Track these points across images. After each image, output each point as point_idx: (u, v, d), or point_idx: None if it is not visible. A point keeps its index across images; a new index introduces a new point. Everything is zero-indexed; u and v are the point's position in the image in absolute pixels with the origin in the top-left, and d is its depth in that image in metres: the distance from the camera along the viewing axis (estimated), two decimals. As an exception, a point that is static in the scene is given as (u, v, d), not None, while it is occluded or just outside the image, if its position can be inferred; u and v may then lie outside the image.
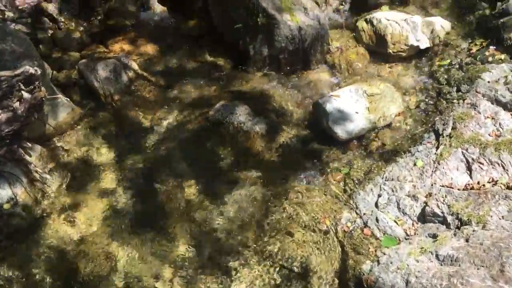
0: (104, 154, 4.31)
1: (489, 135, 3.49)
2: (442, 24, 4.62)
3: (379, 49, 4.70)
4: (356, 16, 5.30)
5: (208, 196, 3.75)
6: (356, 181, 3.63)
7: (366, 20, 4.82)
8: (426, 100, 4.23)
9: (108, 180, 4.13)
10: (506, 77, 3.89)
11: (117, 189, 4.00)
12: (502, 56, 4.16)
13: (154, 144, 4.32)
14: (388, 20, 4.62)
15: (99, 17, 5.93)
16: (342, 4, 5.40)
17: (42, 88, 3.70)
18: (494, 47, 4.33)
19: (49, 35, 5.35)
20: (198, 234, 3.53)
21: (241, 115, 4.25)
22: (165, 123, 4.48)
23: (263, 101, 4.48)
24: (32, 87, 3.58)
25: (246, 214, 3.60)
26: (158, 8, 5.98)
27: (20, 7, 5.25)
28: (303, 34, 4.68)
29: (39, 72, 3.60)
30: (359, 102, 4.06)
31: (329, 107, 4.00)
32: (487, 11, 4.93)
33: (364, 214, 3.37)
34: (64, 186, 3.93)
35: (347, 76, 4.75)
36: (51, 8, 5.71)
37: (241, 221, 3.57)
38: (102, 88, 4.64)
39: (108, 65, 4.72)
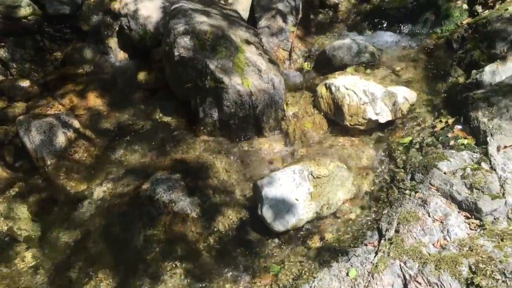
0: (28, 228, 3.94)
1: (433, 245, 3.03)
2: (406, 96, 4.18)
3: (337, 120, 4.26)
4: (320, 76, 4.88)
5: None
6: (283, 288, 3.20)
7: (325, 86, 4.40)
8: (379, 185, 3.78)
9: (29, 258, 3.77)
10: (464, 169, 3.43)
11: (36, 270, 3.63)
12: (465, 141, 3.69)
13: (81, 219, 3.97)
14: (347, 89, 4.20)
15: (55, 63, 5.60)
16: (306, 63, 4.98)
17: None
18: (460, 127, 3.87)
19: (-3, 82, 5.05)
20: None
21: (176, 192, 3.85)
22: (97, 194, 4.11)
23: (205, 174, 4.08)
24: None
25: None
26: (119, 54, 5.66)
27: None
28: (254, 99, 4.28)
29: None
30: (301, 187, 3.63)
31: (266, 191, 3.58)
32: (461, 79, 4.48)
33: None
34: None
35: (301, 147, 4.31)
36: (3, 52, 5.40)
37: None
38: (35, 151, 4.29)
39: (43, 126, 4.38)
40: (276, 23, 5.04)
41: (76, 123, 4.61)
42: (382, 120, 4.12)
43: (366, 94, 4.13)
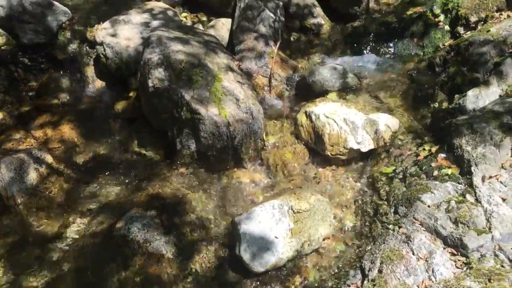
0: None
1: (417, 287, 2.87)
2: (387, 123, 4.05)
3: (318, 149, 4.13)
4: (301, 102, 4.75)
5: None
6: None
7: (306, 114, 4.26)
8: (362, 219, 3.64)
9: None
10: (449, 202, 3.29)
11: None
12: (450, 171, 3.56)
13: (53, 262, 3.77)
14: (327, 117, 4.06)
15: (30, 94, 5.43)
16: (286, 89, 4.84)
17: None
18: (444, 155, 3.74)
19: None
20: None
21: (150, 230, 3.68)
22: (69, 234, 3.94)
23: (182, 210, 3.91)
24: None
25: None
26: (97, 83, 5.51)
27: None
28: (232, 130, 4.13)
29: None
30: (281, 223, 3.47)
31: (244, 229, 3.42)
32: (444, 104, 4.36)
33: None
34: None
35: (282, 179, 4.16)
36: (-25, 84, 5.22)
37: None
38: (5, 189, 4.10)
39: (14, 162, 4.20)
40: (255, 49, 4.91)
41: (49, 158, 4.43)
42: (364, 149, 3.99)
43: (346, 122, 4.00)
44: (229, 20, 5.61)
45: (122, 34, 5.23)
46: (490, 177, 3.39)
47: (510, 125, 3.57)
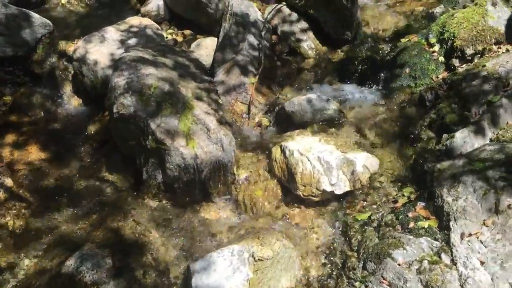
0: None
1: None
2: (366, 164, 3.74)
3: (290, 188, 3.83)
4: (280, 133, 4.45)
5: None
6: None
7: (280, 148, 3.97)
8: (329, 271, 3.34)
9: None
10: (422, 261, 2.98)
11: None
12: (427, 224, 3.24)
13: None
14: (301, 154, 3.77)
15: (3, 109, 5.21)
16: (265, 118, 4.55)
17: None
18: (424, 204, 3.43)
19: None
20: None
21: (100, 272, 3.40)
22: (19, 269, 3.67)
23: (139, 248, 3.65)
24: None
25: None
26: (73, 101, 5.30)
27: None
28: (199, 163, 3.86)
29: None
30: (239, 272, 3.18)
31: (196, 280, 3.14)
32: (431, 144, 4.03)
33: None
34: None
35: (250, 218, 3.87)
36: None
37: None
38: (-44, 215, 3.84)
39: (-32, 187, 3.93)
40: (234, 74, 4.64)
41: (9, 182, 4.20)
42: (339, 191, 3.68)
43: (321, 162, 3.70)
44: (216, 39, 5.34)
45: (98, 51, 5.00)
46: (470, 234, 3.06)
47: (496, 177, 3.23)
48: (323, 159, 3.69)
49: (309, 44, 5.39)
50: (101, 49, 5.02)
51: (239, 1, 5.18)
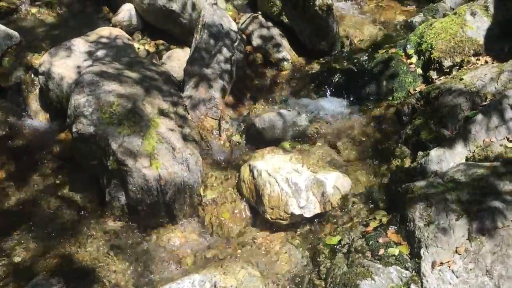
0: None
1: None
2: (337, 184, 3.57)
3: (259, 210, 3.64)
4: (252, 150, 4.26)
5: None
6: None
7: (249, 168, 3.78)
8: (294, 302, 3.12)
9: None
10: (390, 293, 2.76)
11: None
12: (397, 250, 3.07)
13: None
14: (270, 175, 3.59)
15: (-34, 124, 4.99)
16: (236, 134, 4.36)
17: None
18: (395, 228, 3.26)
19: None
20: None
21: (53, 304, 3.17)
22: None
23: (97, 276, 3.48)
24: None
25: None
26: (40, 116, 5.08)
27: None
28: (163, 185, 3.67)
29: None
30: (199, 304, 2.96)
31: (152, 314, 2.91)
32: (406, 162, 3.87)
33: None
34: None
35: (218, 241, 3.68)
36: None
37: None
38: None
39: None
40: (204, 88, 4.46)
41: (-36, 204, 3.95)
42: (308, 214, 3.51)
43: (289, 184, 3.52)
44: (189, 50, 5.15)
45: (64, 65, 4.80)
46: (441, 263, 2.89)
47: (470, 200, 3.06)
48: (291, 180, 3.51)
49: (285, 55, 5.21)
50: (67, 62, 4.81)
51: (212, 11, 4.98)
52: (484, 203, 3.03)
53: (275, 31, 5.30)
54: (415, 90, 4.52)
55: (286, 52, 5.20)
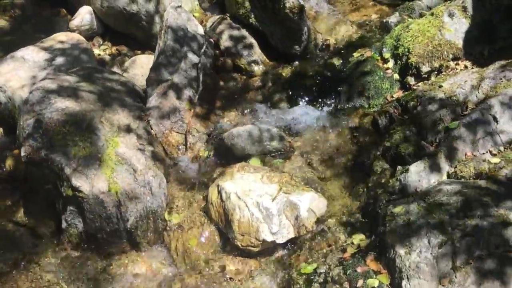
0: None
1: None
2: (312, 206, 3.32)
3: (229, 235, 3.35)
4: (221, 166, 3.95)
5: None
6: None
7: (217, 189, 3.49)
8: None
9: None
10: (369, 332, 2.52)
11: None
12: (377, 282, 2.86)
13: None
14: (239, 198, 3.31)
15: None
16: (204, 149, 4.05)
17: None
18: (375, 254, 3.01)
19: None
20: None
21: None
22: None
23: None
24: None
25: None
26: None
27: None
28: (124, 211, 3.37)
29: None
30: None
31: None
32: (385, 177, 3.67)
33: None
34: None
35: (185, 270, 3.39)
36: None
37: None
38: None
39: None
40: (169, 99, 4.14)
41: None
42: (281, 240, 3.25)
43: (260, 208, 3.25)
44: (153, 57, 4.80)
45: (16, 76, 4.42)
46: (425, 297, 2.64)
47: (453, 225, 2.83)
48: (262, 205, 3.24)
49: (256, 59, 4.92)
50: (19, 73, 4.44)
51: (176, 14, 4.64)
52: (468, 227, 2.81)
53: (245, 34, 4.98)
54: (392, 97, 4.28)
55: (257, 57, 4.90)
